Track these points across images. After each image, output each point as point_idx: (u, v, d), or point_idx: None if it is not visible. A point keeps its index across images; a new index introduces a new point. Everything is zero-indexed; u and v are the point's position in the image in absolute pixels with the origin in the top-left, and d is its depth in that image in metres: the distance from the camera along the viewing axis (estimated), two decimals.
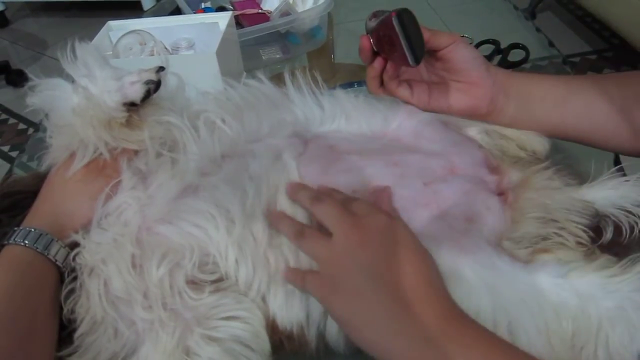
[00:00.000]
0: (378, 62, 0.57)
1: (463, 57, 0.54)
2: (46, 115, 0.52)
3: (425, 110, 0.58)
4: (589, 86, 0.54)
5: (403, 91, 0.58)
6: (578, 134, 0.55)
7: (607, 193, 0.50)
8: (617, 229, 0.49)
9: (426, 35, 0.53)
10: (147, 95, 0.51)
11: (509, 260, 0.45)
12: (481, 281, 0.44)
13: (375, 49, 0.57)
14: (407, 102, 0.58)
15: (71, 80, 0.51)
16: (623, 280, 0.43)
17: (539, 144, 0.57)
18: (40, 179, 0.52)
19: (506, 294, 0.43)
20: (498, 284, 0.44)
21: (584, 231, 0.48)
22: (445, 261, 0.44)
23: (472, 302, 0.43)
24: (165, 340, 0.43)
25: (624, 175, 0.53)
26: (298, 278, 0.45)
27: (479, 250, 0.46)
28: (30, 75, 0.51)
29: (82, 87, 0.50)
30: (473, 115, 0.57)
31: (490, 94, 0.55)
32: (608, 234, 0.48)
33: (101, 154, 0.50)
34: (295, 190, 0.48)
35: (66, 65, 0.51)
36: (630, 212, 0.49)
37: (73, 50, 0.51)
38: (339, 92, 0.60)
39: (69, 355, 0.45)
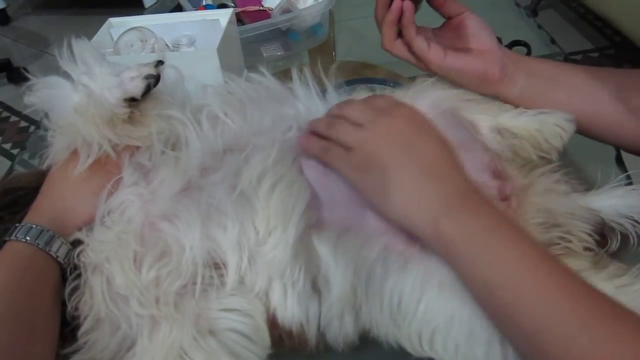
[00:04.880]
0: (396, 4, 0.56)
1: (475, 24, 0.57)
2: (46, 114, 0.52)
3: (439, 67, 0.57)
4: (579, 71, 0.56)
5: (420, 42, 0.57)
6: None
7: (614, 202, 0.50)
8: (624, 237, 0.48)
9: (441, 0, 0.58)
10: (148, 89, 0.51)
11: None
12: (466, 299, 0.43)
13: None
14: (422, 56, 0.57)
15: (69, 78, 0.50)
16: (636, 290, 0.42)
17: (556, 137, 0.54)
18: (41, 176, 0.52)
19: None
20: None
21: (589, 235, 0.48)
22: (446, 271, 0.44)
23: (468, 313, 0.43)
24: (162, 333, 0.43)
25: (631, 183, 0.53)
26: (317, 147, 0.48)
27: None
28: (28, 76, 0.51)
29: (83, 84, 0.50)
30: (486, 80, 0.57)
31: (501, 61, 0.56)
32: (614, 244, 0.48)
33: (105, 151, 0.50)
34: (311, 125, 0.51)
35: (64, 64, 0.50)
36: (637, 222, 0.48)
37: (70, 48, 0.50)
38: (345, 87, 0.59)
39: (73, 352, 0.45)
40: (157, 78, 0.51)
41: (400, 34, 0.58)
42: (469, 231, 0.39)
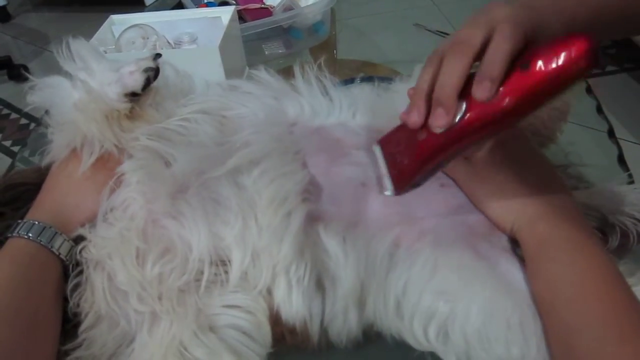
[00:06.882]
0: None
1: None
2: (47, 111, 0.52)
3: None
4: None
5: None
6: None
7: (616, 199, 0.50)
8: (624, 235, 0.49)
9: None
10: (148, 83, 0.51)
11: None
12: (487, 287, 0.44)
13: None
14: None
15: (70, 77, 0.51)
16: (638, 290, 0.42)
17: (554, 120, 0.56)
18: (42, 172, 0.52)
19: (519, 299, 0.43)
20: (508, 290, 0.44)
21: None
22: (454, 261, 0.44)
23: (480, 303, 0.43)
24: (162, 328, 0.43)
25: (632, 182, 0.53)
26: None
27: (495, 257, 0.46)
28: (27, 74, 0.51)
29: (81, 80, 0.50)
30: None
31: None
32: (614, 242, 0.48)
33: (107, 149, 0.50)
34: None
35: (63, 62, 0.51)
36: (638, 220, 0.49)
37: (68, 47, 0.51)
38: (349, 85, 0.59)
39: (74, 349, 0.45)
40: (156, 71, 0.51)
41: None
42: (557, 236, 0.44)
